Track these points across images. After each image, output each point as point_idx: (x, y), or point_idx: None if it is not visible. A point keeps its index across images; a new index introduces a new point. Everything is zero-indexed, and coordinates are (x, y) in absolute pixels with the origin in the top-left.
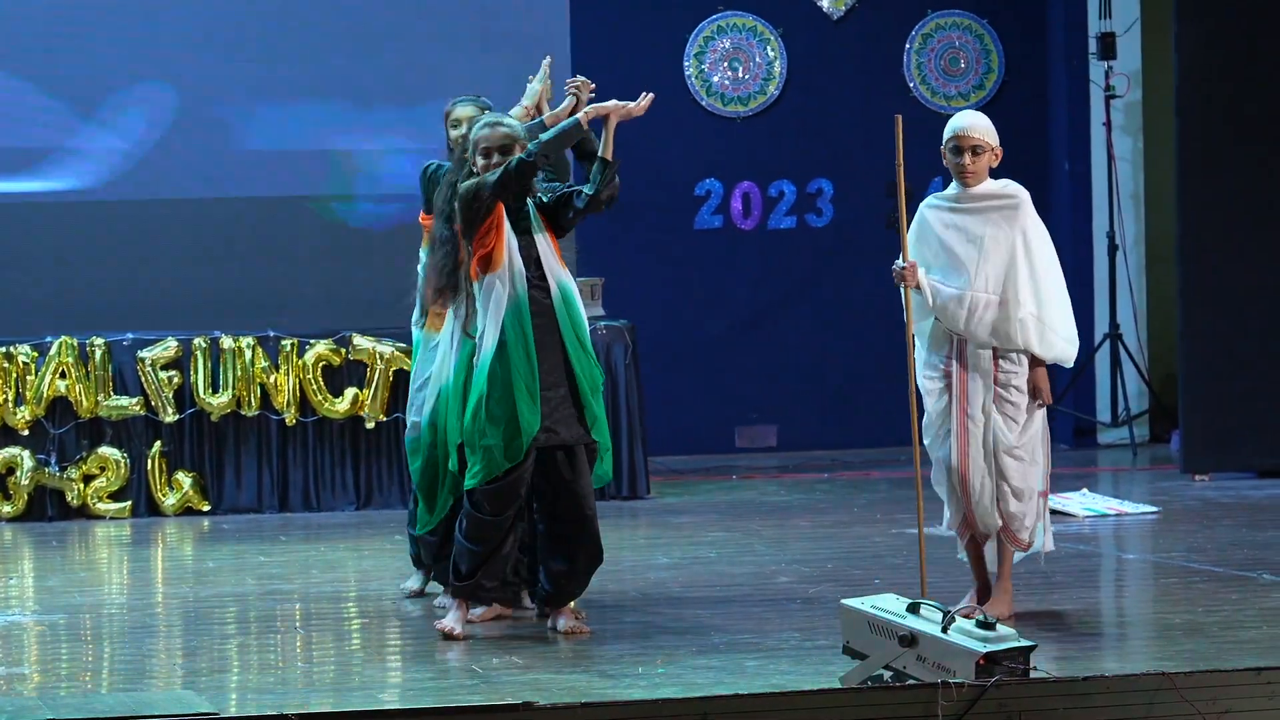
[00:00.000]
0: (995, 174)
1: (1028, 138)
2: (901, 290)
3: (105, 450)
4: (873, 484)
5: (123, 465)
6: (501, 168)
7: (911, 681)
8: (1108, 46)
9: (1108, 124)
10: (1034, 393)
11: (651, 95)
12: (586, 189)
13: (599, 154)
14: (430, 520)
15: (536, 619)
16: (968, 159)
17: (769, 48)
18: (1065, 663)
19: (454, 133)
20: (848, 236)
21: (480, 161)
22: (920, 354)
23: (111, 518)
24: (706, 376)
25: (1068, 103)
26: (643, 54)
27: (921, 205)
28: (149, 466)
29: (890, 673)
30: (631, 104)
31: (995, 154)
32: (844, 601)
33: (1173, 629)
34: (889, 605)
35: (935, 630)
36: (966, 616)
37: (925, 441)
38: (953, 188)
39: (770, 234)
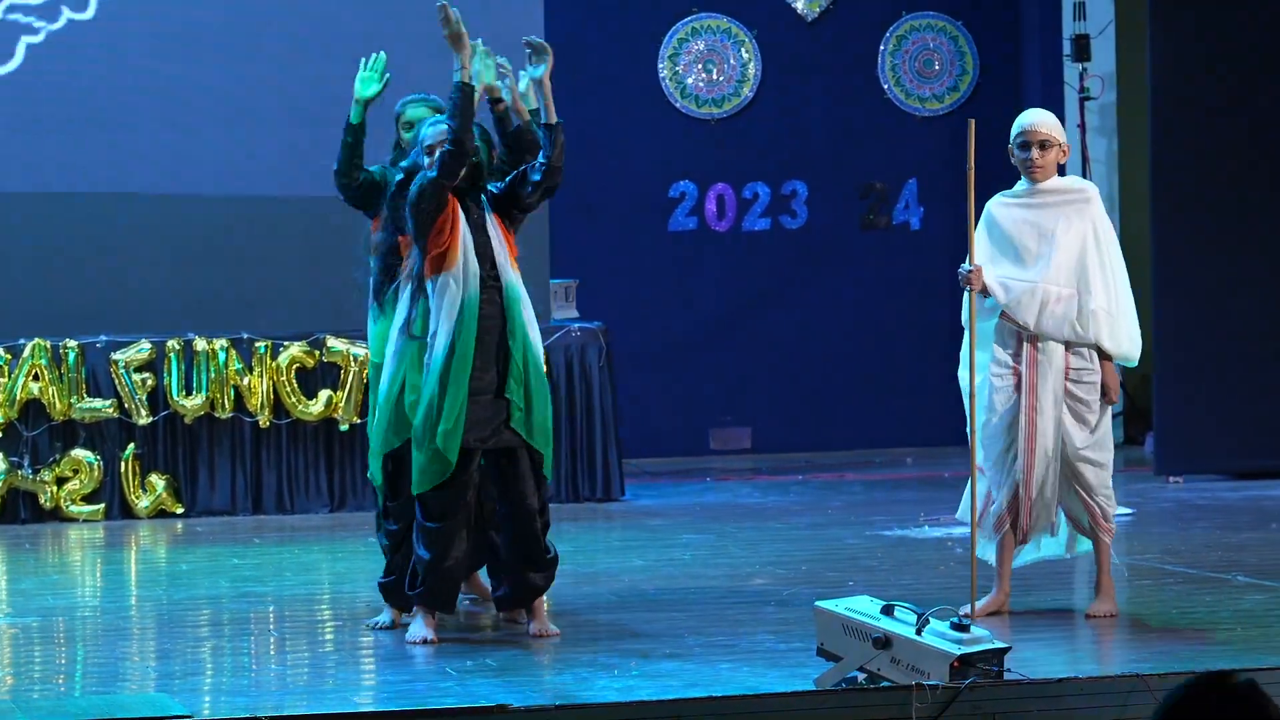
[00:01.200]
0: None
1: (1002, 139)
2: (966, 293)
3: (78, 453)
4: (847, 486)
5: (96, 468)
6: (436, 157)
7: (886, 684)
8: (1082, 48)
9: (1082, 126)
10: (1102, 390)
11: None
12: (540, 158)
13: (543, 121)
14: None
15: (503, 621)
16: (1036, 153)
17: (743, 50)
18: (1039, 664)
19: (406, 134)
20: (822, 238)
21: (427, 160)
22: (987, 354)
23: (85, 520)
24: (680, 378)
25: (1042, 104)
26: (617, 56)
27: (989, 203)
28: (122, 469)
29: (864, 675)
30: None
31: (1063, 149)
32: (818, 603)
33: (1147, 631)
34: (863, 607)
35: (909, 632)
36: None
37: (983, 436)
38: (1021, 184)
39: (744, 236)
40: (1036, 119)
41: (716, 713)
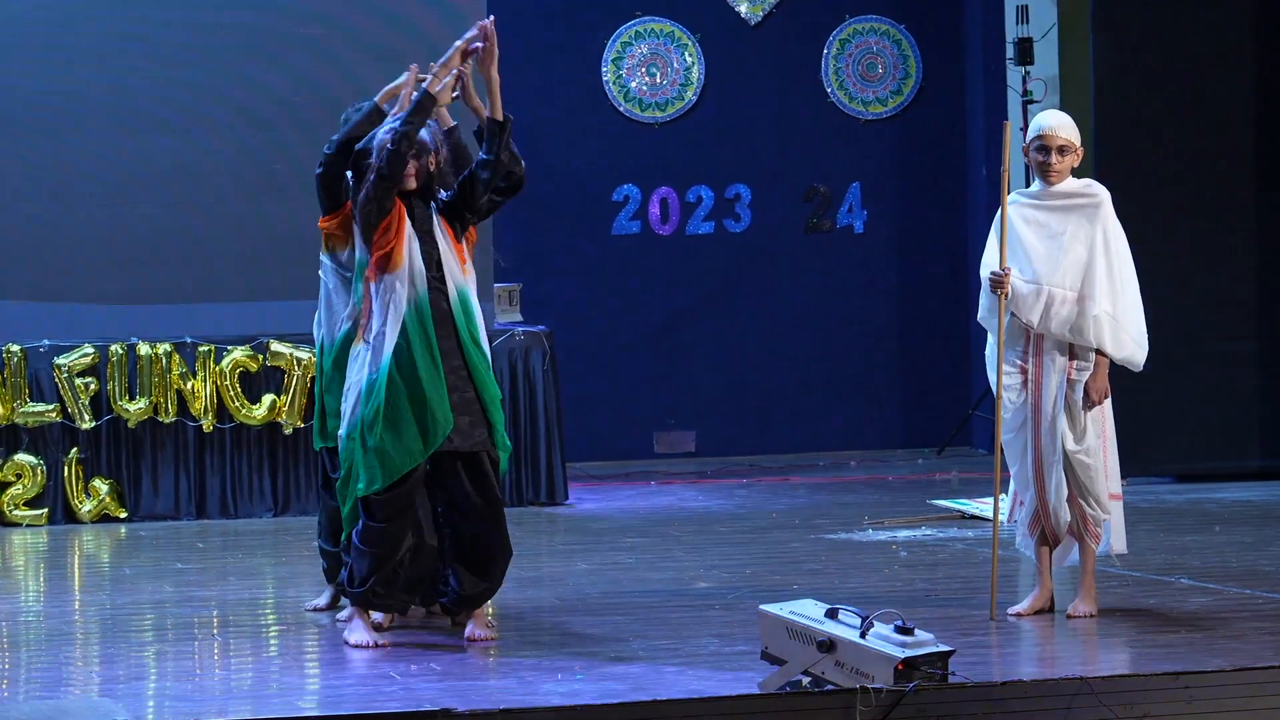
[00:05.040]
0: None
1: (945, 143)
2: (988, 294)
3: (21, 457)
4: (791, 489)
5: (39, 472)
6: (381, 155)
7: (830, 687)
8: (1025, 52)
9: (1025, 129)
10: (1086, 391)
11: (490, 19)
12: (482, 154)
13: (488, 117)
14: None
15: (424, 615)
16: (1055, 158)
17: (687, 53)
18: (984, 667)
19: None
20: (765, 242)
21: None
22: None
23: (28, 525)
24: (624, 382)
25: (985, 108)
26: (560, 60)
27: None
28: (65, 473)
29: (809, 678)
30: (461, 44)
31: (1078, 154)
32: (762, 607)
33: (1091, 634)
34: (807, 611)
35: (854, 635)
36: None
37: (1005, 437)
38: (1035, 185)
39: (688, 239)
40: (1055, 122)
41: (661, 716)
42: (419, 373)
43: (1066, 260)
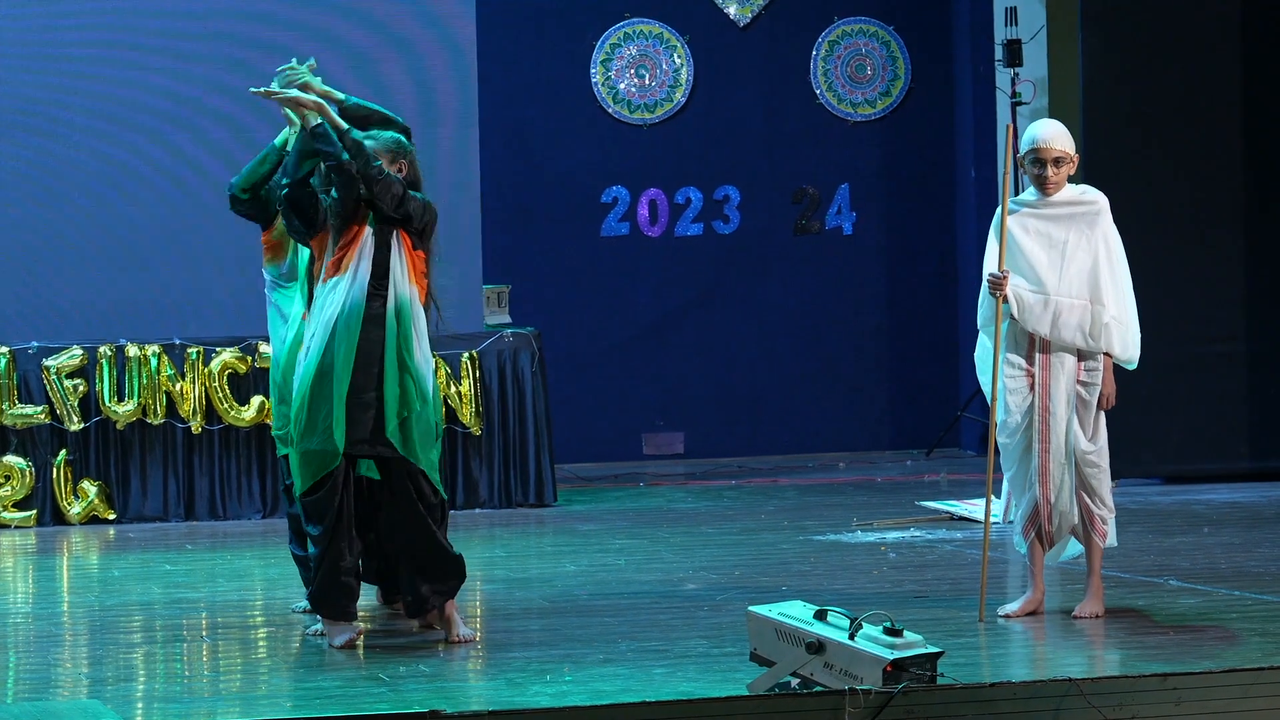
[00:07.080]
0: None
1: (934, 144)
2: (987, 298)
3: (10, 459)
4: (780, 490)
5: (28, 474)
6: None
7: (819, 688)
8: (1014, 53)
9: (1014, 131)
10: (1101, 394)
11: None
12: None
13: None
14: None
15: (418, 629)
16: (1050, 170)
17: (676, 55)
18: (972, 669)
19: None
20: (755, 244)
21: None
22: (1001, 356)
23: (16, 526)
24: (613, 383)
25: (974, 109)
26: (550, 61)
27: (1001, 210)
28: (54, 475)
29: (798, 680)
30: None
31: (1073, 162)
32: (751, 608)
33: (1080, 635)
34: (796, 612)
35: (842, 637)
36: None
37: (1002, 440)
38: (1031, 193)
39: (677, 241)
40: (1049, 134)
41: (650, 718)
42: (336, 380)
43: (1070, 269)
